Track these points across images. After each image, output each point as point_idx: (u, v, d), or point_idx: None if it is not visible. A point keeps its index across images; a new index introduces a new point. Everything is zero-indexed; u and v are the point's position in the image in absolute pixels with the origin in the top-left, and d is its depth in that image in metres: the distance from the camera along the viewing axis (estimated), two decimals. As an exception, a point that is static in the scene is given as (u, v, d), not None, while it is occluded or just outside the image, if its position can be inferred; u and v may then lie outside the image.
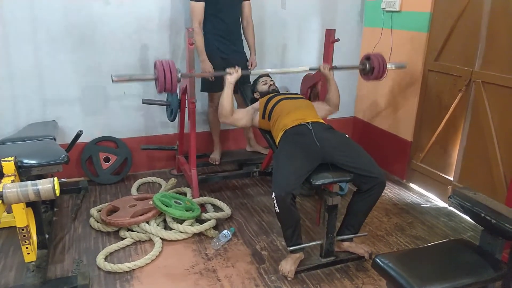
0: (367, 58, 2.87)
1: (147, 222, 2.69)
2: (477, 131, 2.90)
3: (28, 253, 2.04)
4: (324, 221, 2.37)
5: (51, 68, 3.19)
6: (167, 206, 2.73)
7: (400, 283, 1.55)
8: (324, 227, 2.38)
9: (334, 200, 2.32)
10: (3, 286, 2.22)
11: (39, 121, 3.21)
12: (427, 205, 3.23)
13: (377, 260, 1.67)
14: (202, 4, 3.11)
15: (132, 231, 2.69)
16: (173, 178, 3.42)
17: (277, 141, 2.56)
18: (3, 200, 1.57)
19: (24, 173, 2.12)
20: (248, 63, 3.44)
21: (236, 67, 2.67)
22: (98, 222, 2.78)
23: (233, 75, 2.64)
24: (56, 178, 1.63)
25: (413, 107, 3.43)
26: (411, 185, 3.55)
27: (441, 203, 3.23)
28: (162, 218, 2.80)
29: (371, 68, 2.83)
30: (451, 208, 3.11)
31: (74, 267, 2.38)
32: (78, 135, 2.95)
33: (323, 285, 2.29)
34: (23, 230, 1.96)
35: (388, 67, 2.85)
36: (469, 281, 1.59)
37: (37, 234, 2.22)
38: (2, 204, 1.59)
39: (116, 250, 2.54)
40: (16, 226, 1.97)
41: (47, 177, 1.67)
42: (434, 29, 3.21)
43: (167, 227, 2.74)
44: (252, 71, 3.01)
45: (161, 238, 2.61)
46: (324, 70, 2.80)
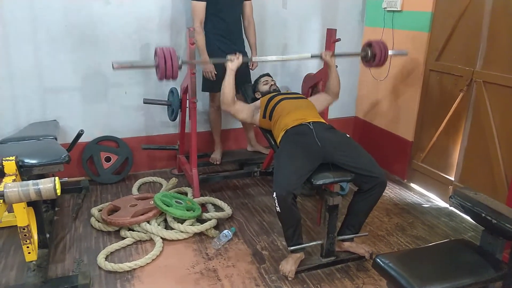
0: (369, 45, 2.86)
1: (148, 222, 2.70)
2: (478, 131, 2.90)
3: (29, 253, 2.04)
4: (325, 221, 2.37)
5: (52, 68, 3.19)
6: (168, 205, 2.73)
7: (400, 283, 1.55)
8: (324, 227, 2.38)
9: (335, 200, 2.32)
10: (4, 285, 2.22)
11: (40, 121, 3.21)
12: (428, 205, 3.23)
13: (378, 260, 1.67)
14: (203, 4, 3.11)
15: (133, 230, 2.69)
16: (174, 178, 3.42)
17: (278, 141, 2.56)
18: (4, 200, 1.57)
19: (25, 172, 2.12)
20: (249, 62, 3.44)
21: (237, 54, 2.66)
22: (99, 221, 2.78)
23: (234, 62, 2.64)
24: (57, 178, 1.64)
25: (414, 107, 3.43)
26: (412, 185, 3.55)
27: (442, 203, 3.23)
28: (163, 218, 2.80)
29: (372, 55, 2.82)
30: (452, 208, 3.11)
31: (75, 266, 2.39)
32: (79, 135, 2.95)
33: (323, 285, 2.29)
34: (24, 229, 1.97)
35: (389, 54, 2.85)
36: (469, 281, 1.59)
37: (38, 233, 2.22)
38: (3, 204, 1.59)
39: (117, 250, 2.54)
40: (17, 226, 1.97)
41: (48, 177, 1.67)
42: (435, 29, 3.20)
43: (168, 227, 2.74)
44: (253, 58, 3.00)
45: (161, 237, 2.62)
46: (326, 57, 2.80)
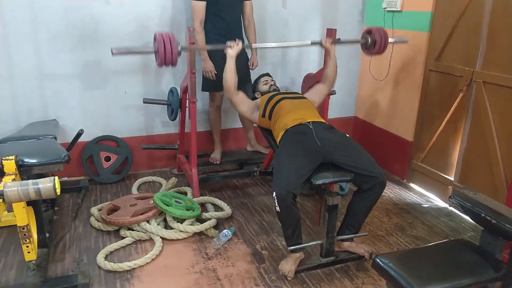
0: (369, 31, 2.86)
1: (148, 221, 2.70)
2: (478, 131, 2.90)
3: (29, 252, 2.04)
4: (325, 220, 2.37)
5: (52, 68, 3.19)
6: (167, 205, 2.73)
7: (400, 283, 1.55)
8: (324, 226, 2.38)
9: (334, 200, 2.32)
10: (3, 285, 2.22)
11: (40, 120, 3.21)
12: (427, 205, 3.23)
13: (377, 260, 1.67)
14: (204, 3, 3.11)
15: (133, 230, 2.69)
16: (173, 178, 3.42)
17: (278, 141, 2.56)
18: (4, 199, 1.57)
19: (25, 172, 2.12)
20: (249, 62, 3.44)
21: (236, 40, 2.67)
22: (98, 221, 2.79)
23: (233, 48, 2.64)
24: (57, 177, 1.64)
25: (414, 107, 3.43)
26: (412, 185, 3.55)
27: (442, 203, 3.23)
28: (162, 217, 2.80)
29: (372, 41, 2.82)
30: (451, 208, 3.11)
31: (74, 266, 2.39)
32: (79, 134, 2.95)
33: (323, 285, 2.29)
34: (23, 229, 1.97)
35: (390, 41, 2.84)
36: (469, 281, 1.59)
37: (37, 233, 2.22)
38: (3, 203, 1.59)
39: (116, 249, 2.54)
40: (16, 225, 1.97)
41: (48, 176, 1.67)
42: (435, 29, 3.20)
43: (167, 226, 2.74)
44: (253, 45, 3.04)
45: (161, 237, 2.62)
46: (326, 43, 2.81)
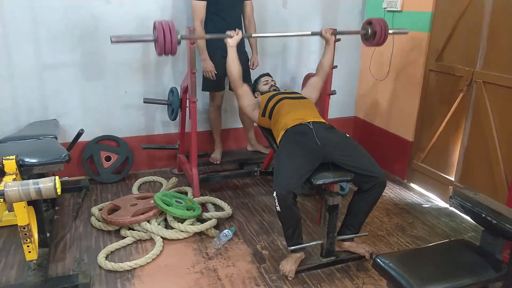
0: (369, 22, 2.86)
1: (148, 221, 2.70)
2: (478, 131, 2.90)
3: (29, 252, 2.04)
4: (325, 220, 2.37)
5: (52, 67, 3.19)
6: (168, 205, 2.73)
7: (400, 283, 1.55)
8: (324, 226, 2.38)
9: (335, 200, 2.32)
10: (4, 284, 2.23)
11: (40, 120, 3.21)
12: (428, 205, 3.23)
13: (378, 260, 1.67)
14: (204, 3, 3.11)
15: (133, 230, 2.69)
16: (174, 177, 3.42)
17: (278, 140, 2.56)
18: (4, 199, 1.57)
19: (25, 171, 2.12)
20: (249, 62, 3.44)
21: (236, 30, 2.66)
22: (99, 221, 2.79)
23: (234, 38, 2.64)
24: (57, 177, 1.64)
25: (414, 107, 3.43)
26: (412, 185, 3.55)
27: (442, 203, 3.23)
28: (163, 217, 2.80)
29: (373, 32, 2.82)
30: (452, 208, 3.11)
31: (75, 265, 2.39)
32: (79, 134, 2.95)
33: (323, 285, 2.29)
34: (24, 228, 1.97)
35: (390, 32, 2.84)
36: (469, 282, 1.59)
37: (38, 232, 2.22)
38: (4, 203, 1.59)
39: (117, 249, 2.54)
40: (17, 225, 1.97)
41: (48, 176, 1.67)
42: (436, 29, 3.20)
43: (168, 226, 2.75)
44: (253, 35, 3.05)
45: (162, 237, 2.62)
46: (326, 34, 2.81)
